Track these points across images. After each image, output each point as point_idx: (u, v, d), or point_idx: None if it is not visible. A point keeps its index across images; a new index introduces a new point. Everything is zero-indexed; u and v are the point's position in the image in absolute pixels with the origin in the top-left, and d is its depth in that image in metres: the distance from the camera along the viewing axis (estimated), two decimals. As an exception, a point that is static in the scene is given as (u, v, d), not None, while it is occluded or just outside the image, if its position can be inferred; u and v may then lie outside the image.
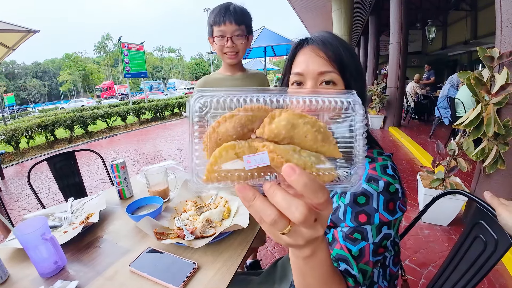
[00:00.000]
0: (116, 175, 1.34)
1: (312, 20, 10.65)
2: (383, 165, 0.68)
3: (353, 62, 0.72)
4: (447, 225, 2.60)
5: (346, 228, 0.65)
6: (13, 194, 4.32)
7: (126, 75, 13.92)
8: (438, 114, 5.32)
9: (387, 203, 0.63)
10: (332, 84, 0.71)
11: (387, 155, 0.73)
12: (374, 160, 0.69)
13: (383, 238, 0.64)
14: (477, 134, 2.20)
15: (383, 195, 0.63)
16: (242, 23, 1.41)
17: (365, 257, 0.63)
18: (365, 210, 0.63)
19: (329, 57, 0.71)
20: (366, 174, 0.66)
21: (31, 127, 7.19)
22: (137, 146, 7.24)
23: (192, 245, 0.90)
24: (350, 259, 0.64)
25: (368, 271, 0.63)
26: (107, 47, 73.56)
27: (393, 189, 0.64)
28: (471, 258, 0.96)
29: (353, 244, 0.64)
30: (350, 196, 0.65)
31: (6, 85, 61.59)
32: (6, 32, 4.57)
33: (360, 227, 0.64)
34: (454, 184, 2.53)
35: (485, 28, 9.75)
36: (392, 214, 0.63)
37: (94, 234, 1.08)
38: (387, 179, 0.65)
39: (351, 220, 0.64)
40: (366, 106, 0.78)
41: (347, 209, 0.65)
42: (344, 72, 0.71)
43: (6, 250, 1.00)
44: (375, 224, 0.63)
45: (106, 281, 0.82)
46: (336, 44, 0.72)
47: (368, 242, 0.63)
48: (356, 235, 0.64)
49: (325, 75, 0.71)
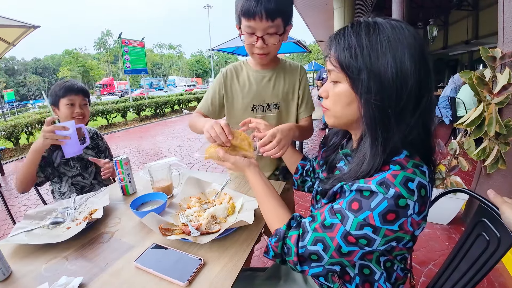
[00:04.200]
0: (119, 171, 1.34)
1: (313, 18, 10.61)
2: (408, 177, 0.61)
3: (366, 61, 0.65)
4: (447, 224, 2.61)
5: (337, 205, 0.68)
6: (13, 190, 4.32)
7: (126, 72, 13.91)
8: (438, 113, 5.33)
9: (387, 212, 0.60)
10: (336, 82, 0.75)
11: (423, 170, 0.65)
12: (403, 168, 0.63)
13: (361, 236, 0.63)
14: (478, 133, 2.21)
15: (389, 202, 0.60)
16: (278, 16, 1.11)
17: (332, 232, 0.66)
18: (362, 201, 0.63)
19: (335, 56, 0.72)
20: (383, 177, 0.62)
21: (31, 123, 7.18)
22: (137, 143, 7.24)
23: (198, 241, 0.90)
24: (315, 223, 0.70)
25: (330, 245, 0.66)
26: (107, 43, 73.35)
27: (403, 203, 0.60)
28: (473, 256, 0.96)
29: (330, 217, 0.68)
30: (357, 187, 0.65)
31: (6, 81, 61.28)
32: (7, 27, 4.55)
33: (345, 211, 0.65)
34: (455, 183, 2.54)
35: (487, 28, 9.74)
36: (385, 223, 0.61)
37: (98, 230, 1.08)
38: (400, 191, 0.60)
39: (347, 201, 0.66)
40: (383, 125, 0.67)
41: (351, 193, 0.66)
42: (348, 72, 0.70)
43: (9, 246, 0.99)
44: (359, 219, 0.63)
45: (111, 277, 0.82)
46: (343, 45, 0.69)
47: (342, 224, 0.65)
48: (338, 215, 0.66)
49: (331, 73, 0.75)
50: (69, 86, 1.58)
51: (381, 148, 0.66)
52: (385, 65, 0.63)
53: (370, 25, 0.66)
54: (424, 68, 0.64)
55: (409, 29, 0.65)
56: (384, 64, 0.63)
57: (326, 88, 0.78)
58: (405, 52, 0.62)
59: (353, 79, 0.67)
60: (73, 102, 1.58)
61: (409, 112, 0.65)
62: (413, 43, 0.63)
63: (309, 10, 9.59)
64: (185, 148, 6.34)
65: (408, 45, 0.63)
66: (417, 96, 0.64)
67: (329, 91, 0.77)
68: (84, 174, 1.72)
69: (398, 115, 0.65)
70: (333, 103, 0.76)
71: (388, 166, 0.65)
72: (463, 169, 2.44)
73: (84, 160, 1.70)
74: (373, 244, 0.63)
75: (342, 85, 0.71)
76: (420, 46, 0.65)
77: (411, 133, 0.67)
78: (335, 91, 0.74)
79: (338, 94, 0.73)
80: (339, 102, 0.74)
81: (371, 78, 0.64)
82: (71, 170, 1.67)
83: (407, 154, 0.67)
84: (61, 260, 0.91)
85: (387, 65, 0.63)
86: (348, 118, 0.75)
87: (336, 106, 0.75)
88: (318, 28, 12.55)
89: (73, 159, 1.68)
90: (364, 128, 0.70)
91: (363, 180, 0.65)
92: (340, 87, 0.72)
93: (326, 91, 0.78)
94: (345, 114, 0.75)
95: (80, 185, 1.71)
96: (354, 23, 0.69)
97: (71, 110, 1.58)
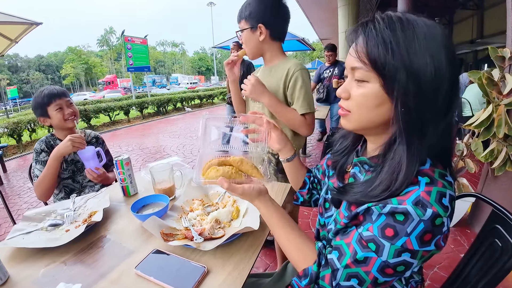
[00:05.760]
0: (120, 171, 1.31)
1: (317, 15, 10.54)
2: (441, 192, 0.58)
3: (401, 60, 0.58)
4: (453, 226, 2.57)
5: (367, 233, 0.61)
6: (15, 187, 4.31)
7: (129, 69, 13.89)
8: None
9: (424, 233, 0.56)
10: (363, 81, 0.64)
11: (449, 180, 0.62)
12: (433, 183, 0.59)
13: (400, 263, 0.58)
14: (487, 135, 2.16)
15: (425, 224, 0.56)
16: (241, 19, 1.43)
17: (367, 267, 0.60)
18: (396, 227, 0.57)
19: (365, 52, 0.62)
20: (417, 196, 0.57)
21: (34, 120, 7.17)
22: (139, 141, 7.22)
23: (201, 247, 0.87)
24: (346, 258, 0.62)
25: (365, 280, 0.61)
26: (110, 40, 73.39)
27: (439, 222, 0.56)
28: (486, 263, 0.93)
29: (362, 250, 0.61)
30: (389, 209, 0.58)
31: (9, 78, 61.66)
32: (9, 24, 4.53)
33: (379, 239, 0.59)
34: (462, 186, 2.49)
35: (492, 27, 9.67)
36: (422, 245, 0.57)
37: (97, 233, 1.05)
38: (437, 210, 0.56)
39: (378, 227, 0.59)
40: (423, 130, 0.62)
41: (381, 216, 0.60)
42: (380, 70, 0.61)
43: (6, 250, 0.97)
44: (396, 246, 0.57)
45: (110, 285, 0.79)
46: (376, 40, 0.60)
47: (377, 257, 0.59)
48: (371, 245, 0.60)
49: (356, 71, 0.64)
50: (50, 92, 1.59)
51: (416, 155, 0.60)
52: (424, 64, 0.57)
53: (403, 19, 0.60)
54: (456, 69, 0.60)
55: (442, 28, 0.60)
56: (423, 63, 0.57)
57: (347, 88, 0.68)
58: (441, 51, 0.57)
59: (387, 78, 0.60)
60: (60, 105, 1.60)
61: (442, 115, 0.61)
62: (446, 42, 0.59)
63: (312, 8, 9.54)
64: (188, 146, 6.32)
65: (443, 44, 0.58)
66: (450, 99, 0.60)
67: (350, 91, 0.67)
68: (75, 177, 1.72)
69: (434, 119, 0.60)
70: (358, 105, 0.66)
71: (416, 178, 0.60)
72: (470, 171, 2.39)
73: (79, 163, 1.69)
74: (410, 268, 0.60)
75: (371, 85, 0.63)
76: (453, 45, 0.60)
77: (441, 139, 0.62)
78: (361, 92, 0.64)
79: (365, 95, 0.64)
80: (366, 104, 0.65)
81: (410, 78, 0.58)
82: (63, 172, 1.67)
83: (431, 163, 0.63)
84: (59, 265, 0.89)
85: (426, 64, 0.57)
86: (374, 122, 0.67)
87: (362, 108, 0.66)
88: (321, 26, 12.49)
89: (67, 162, 1.68)
90: (396, 134, 0.63)
91: (396, 199, 0.59)
92: (368, 87, 0.63)
93: (347, 91, 0.68)
94: (371, 118, 0.66)
95: (69, 188, 1.70)
96: (383, 16, 0.62)
97: (62, 113, 1.60)
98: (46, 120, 1.62)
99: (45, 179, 1.49)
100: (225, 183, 0.77)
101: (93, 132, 1.86)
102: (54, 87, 1.65)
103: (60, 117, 1.60)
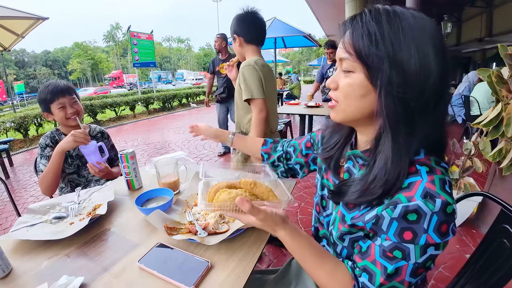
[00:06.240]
0: (125, 165, 1.31)
1: (324, 12, 10.43)
2: (442, 180, 0.59)
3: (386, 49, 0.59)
4: (459, 226, 2.53)
5: (387, 243, 0.61)
6: (21, 181, 4.35)
7: (135, 65, 13.92)
8: (451, 112, 5.21)
9: (440, 225, 0.57)
10: (349, 72, 0.65)
11: (444, 167, 0.63)
12: (433, 171, 0.60)
13: (428, 259, 0.59)
14: (496, 134, 2.12)
15: (438, 215, 0.56)
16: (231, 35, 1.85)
17: (400, 276, 0.60)
18: (412, 228, 0.57)
19: (350, 43, 0.63)
20: (423, 188, 0.58)
21: (40, 115, 7.21)
22: (145, 136, 7.24)
23: (205, 242, 0.86)
24: (377, 276, 0.61)
25: (399, 287, 0.61)
26: (116, 36, 73.67)
27: (450, 210, 0.57)
28: (494, 263, 0.92)
29: (390, 262, 0.60)
30: (400, 211, 0.58)
31: (16, 73, 62.22)
32: (15, 19, 4.56)
33: (402, 245, 0.59)
34: (468, 185, 2.46)
35: (501, 25, 9.51)
36: (442, 237, 0.57)
37: (101, 226, 1.04)
38: (445, 198, 0.56)
39: (395, 234, 0.59)
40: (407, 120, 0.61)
41: (392, 222, 0.59)
42: (365, 60, 0.61)
43: (10, 242, 0.96)
44: (420, 245, 0.58)
45: (113, 278, 0.78)
46: (362, 31, 0.61)
47: (407, 262, 0.59)
48: (396, 253, 0.59)
49: (343, 62, 0.65)
50: (54, 89, 1.58)
51: (404, 146, 0.60)
52: (409, 55, 0.57)
53: (390, 11, 0.60)
54: (445, 61, 0.59)
55: (430, 19, 0.60)
56: (408, 54, 0.57)
57: (335, 79, 0.69)
58: (428, 42, 0.57)
59: (372, 68, 0.60)
60: (63, 104, 1.59)
61: (432, 107, 0.60)
62: (435, 33, 0.59)
63: (319, 4, 9.45)
64: (193, 141, 6.31)
65: (430, 36, 0.58)
66: (439, 90, 0.60)
67: (338, 82, 0.68)
68: (80, 172, 1.72)
69: (421, 110, 0.60)
70: (345, 95, 0.67)
71: (414, 167, 0.61)
72: (477, 170, 2.36)
73: (84, 158, 1.69)
74: (435, 260, 0.61)
75: (356, 75, 0.63)
76: (441, 37, 0.60)
77: (433, 131, 0.63)
78: (347, 82, 0.65)
79: (351, 85, 0.65)
80: (352, 94, 0.65)
81: (393, 69, 0.58)
82: (68, 167, 1.67)
83: (425, 152, 0.64)
84: (63, 257, 0.88)
85: (410, 55, 0.57)
86: (361, 112, 0.67)
87: (348, 98, 0.67)
88: (328, 23, 12.36)
89: (71, 157, 1.68)
90: (382, 125, 0.63)
91: (405, 196, 0.59)
92: (354, 77, 0.64)
93: (335, 81, 0.69)
94: (357, 108, 0.67)
95: (75, 183, 1.71)
96: (371, 9, 0.63)
97: (64, 112, 1.59)
98: (49, 116, 1.63)
99: (48, 174, 1.49)
100: (246, 204, 0.65)
101: (98, 127, 1.86)
102: (60, 82, 1.64)
103: (62, 116, 1.60)
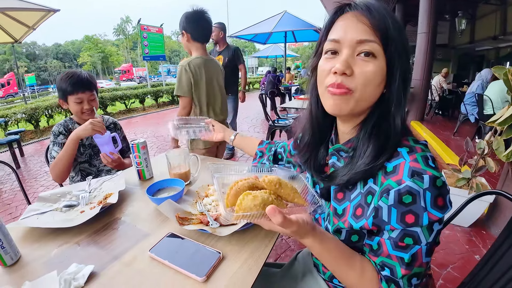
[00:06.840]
0: (136, 155, 1.30)
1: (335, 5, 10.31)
2: (424, 156, 0.59)
3: (400, 35, 0.60)
4: (468, 226, 2.48)
5: (394, 233, 0.60)
6: (32, 171, 4.40)
7: (144, 58, 13.93)
8: (464, 110, 5.10)
9: (436, 199, 0.56)
10: (371, 56, 0.60)
11: (423, 143, 0.63)
12: (413, 150, 0.60)
13: (436, 235, 0.60)
14: (510, 133, 2.07)
15: (430, 191, 0.56)
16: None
17: (418, 261, 0.59)
18: (412, 209, 0.57)
19: (373, 24, 0.59)
20: (408, 168, 0.57)
21: (51, 106, 7.32)
22: (154, 128, 7.28)
23: (216, 233, 0.84)
24: (398, 268, 0.60)
25: (421, 271, 0.60)
26: (126, 29, 73.97)
27: (440, 183, 0.57)
28: (506, 264, 0.89)
29: (404, 251, 0.59)
30: (394, 196, 0.58)
31: (27, 66, 62.96)
32: (27, 10, 4.58)
33: (409, 230, 0.58)
34: (480, 185, 2.41)
35: (516, 24, 9.27)
36: (442, 210, 0.57)
37: (112, 215, 1.04)
38: (432, 173, 0.56)
39: (397, 221, 0.58)
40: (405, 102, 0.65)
41: (391, 210, 0.59)
42: (387, 44, 0.59)
43: (19, 230, 0.96)
44: (425, 225, 0.57)
45: (123, 267, 0.77)
46: (383, 12, 0.60)
47: (420, 246, 0.58)
48: (407, 240, 0.58)
49: (364, 45, 0.60)
50: (76, 82, 1.55)
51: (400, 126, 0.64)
52: (406, 39, 0.63)
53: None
54: None
55: None
56: (406, 38, 0.63)
57: (350, 64, 0.61)
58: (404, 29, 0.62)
59: (394, 53, 0.60)
60: (81, 99, 1.57)
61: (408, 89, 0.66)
62: None
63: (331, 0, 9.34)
64: (200, 136, 6.33)
65: None
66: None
67: (353, 68, 0.61)
68: (91, 161, 1.72)
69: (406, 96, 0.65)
70: (365, 82, 0.61)
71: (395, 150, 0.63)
72: (490, 170, 2.29)
73: (96, 148, 1.69)
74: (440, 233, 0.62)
75: (379, 62, 0.60)
76: None
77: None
78: (369, 69, 0.60)
79: (374, 72, 0.60)
80: (373, 82, 0.61)
81: (403, 54, 0.62)
82: (80, 156, 1.67)
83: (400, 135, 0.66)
84: (73, 245, 0.87)
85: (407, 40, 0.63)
86: (371, 101, 0.65)
87: (368, 86, 0.61)
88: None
89: (84, 146, 1.68)
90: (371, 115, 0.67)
91: (393, 181, 0.59)
92: (377, 63, 0.60)
93: (350, 67, 0.61)
94: (371, 97, 0.63)
95: (86, 172, 1.71)
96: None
97: (80, 107, 1.58)
98: (64, 104, 1.62)
99: (61, 161, 1.49)
100: (278, 216, 0.53)
101: (111, 118, 1.86)
102: (83, 75, 1.59)
103: (78, 110, 1.59)
